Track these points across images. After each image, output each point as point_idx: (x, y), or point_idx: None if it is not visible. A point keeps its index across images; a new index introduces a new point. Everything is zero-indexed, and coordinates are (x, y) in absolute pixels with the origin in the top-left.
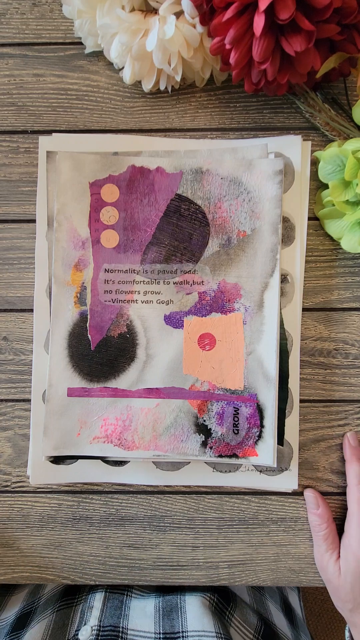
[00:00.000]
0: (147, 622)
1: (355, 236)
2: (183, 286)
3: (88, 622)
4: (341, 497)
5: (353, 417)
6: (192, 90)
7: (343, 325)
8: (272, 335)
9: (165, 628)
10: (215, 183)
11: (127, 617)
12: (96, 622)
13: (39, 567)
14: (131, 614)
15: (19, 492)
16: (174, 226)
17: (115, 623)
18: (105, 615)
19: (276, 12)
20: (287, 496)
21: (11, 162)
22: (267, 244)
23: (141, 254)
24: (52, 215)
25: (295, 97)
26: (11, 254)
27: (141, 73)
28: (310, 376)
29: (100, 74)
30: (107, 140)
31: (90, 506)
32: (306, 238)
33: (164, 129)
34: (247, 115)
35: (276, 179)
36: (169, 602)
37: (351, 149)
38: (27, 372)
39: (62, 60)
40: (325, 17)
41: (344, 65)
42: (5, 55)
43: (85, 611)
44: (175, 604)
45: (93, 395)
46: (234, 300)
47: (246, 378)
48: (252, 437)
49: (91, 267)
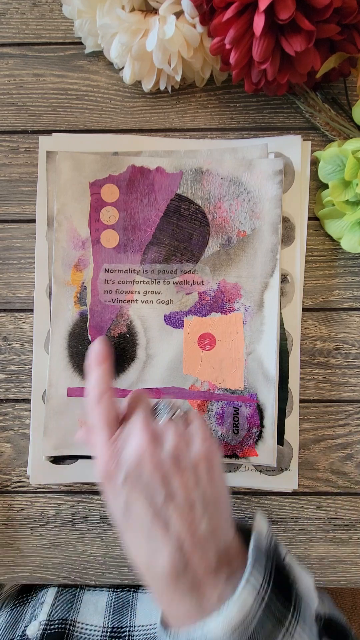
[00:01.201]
0: (96, 617)
1: (355, 236)
2: (183, 286)
3: (37, 618)
4: (341, 497)
5: (353, 417)
6: (192, 90)
7: (343, 325)
8: (272, 335)
9: (114, 623)
10: (215, 183)
11: (77, 611)
12: (45, 617)
13: (39, 567)
14: (82, 608)
15: (19, 492)
16: (174, 226)
17: (64, 617)
18: (55, 610)
19: (276, 12)
20: (287, 496)
21: (11, 162)
22: (267, 244)
23: (141, 254)
24: (52, 215)
25: (295, 97)
26: (11, 254)
27: (141, 73)
28: (310, 376)
29: (100, 74)
30: (107, 140)
31: (90, 506)
32: (306, 238)
33: (164, 129)
34: (247, 115)
35: (276, 178)
36: (121, 597)
37: (351, 149)
38: (27, 372)
39: (62, 60)
40: (325, 17)
41: (344, 65)
42: (5, 55)
43: (37, 607)
44: (127, 600)
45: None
46: (234, 300)
47: (246, 378)
48: (252, 437)
49: (91, 267)
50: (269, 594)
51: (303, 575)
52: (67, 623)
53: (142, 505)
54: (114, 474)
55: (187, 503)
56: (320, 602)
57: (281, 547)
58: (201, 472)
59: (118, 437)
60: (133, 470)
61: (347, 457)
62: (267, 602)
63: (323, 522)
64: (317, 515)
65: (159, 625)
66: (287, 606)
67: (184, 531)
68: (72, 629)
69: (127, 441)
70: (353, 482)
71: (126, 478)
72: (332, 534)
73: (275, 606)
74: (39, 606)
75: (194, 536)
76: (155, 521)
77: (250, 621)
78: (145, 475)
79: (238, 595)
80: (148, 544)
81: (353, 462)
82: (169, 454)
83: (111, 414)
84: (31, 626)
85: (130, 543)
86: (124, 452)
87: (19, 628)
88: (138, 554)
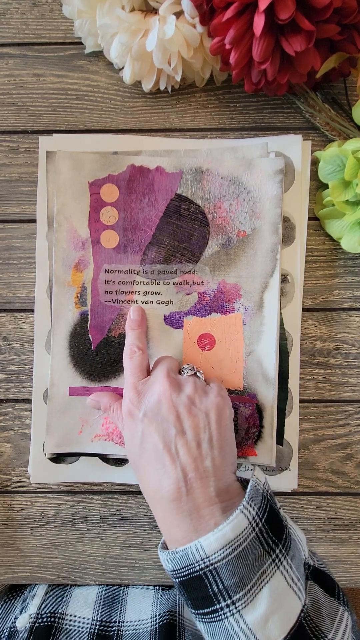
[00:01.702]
0: (86, 609)
1: (355, 236)
2: (183, 286)
3: (27, 610)
4: (341, 497)
5: (353, 417)
6: (192, 90)
7: (343, 325)
8: (272, 336)
9: (103, 616)
10: (215, 183)
11: (67, 604)
12: (35, 609)
13: (39, 567)
14: (72, 601)
15: (19, 492)
16: (174, 226)
17: (54, 610)
18: (45, 603)
19: (276, 12)
20: (287, 496)
21: (11, 162)
22: (267, 244)
23: (141, 254)
24: (52, 216)
25: (295, 97)
26: (11, 254)
27: (141, 73)
28: (310, 376)
29: (100, 74)
30: (107, 140)
31: (90, 506)
32: (306, 238)
33: (164, 129)
34: (247, 115)
35: (276, 178)
36: (111, 592)
37: (351, 149)
38: (27, 372)
39: (62, 60)
40: (325, 17)
41: (344, 65)
42: (5, 55)
43: (27, 599)
44: (117, 595)
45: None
46: (234, 301)
47: (245, 378)
48: (251, 436)
49: (91, 268)
50: (261, 526)
51: (296, 528)
52: (56, 616)
53: (157, 436)
54: (136, 410)
55: (195, 441)
56: (310, 556)
57: (277, 501)
58: (211, 418)
59: (144, 382)
60: (152, 408)
61: (347, 457)
62: (259, 531)
63: (323, 522)
64: (317, 515)
65: (159, 550)
66: (277, 541)
67: (190, 463)
68: (61, 622)
69: (151, 386)
70: (353, 482)
71: (145, 413)
72: (332, 534)
73: (266, 537)
74: (29, 599)
75: (197, 469)
76: (166, 450)
77: (242, 541)
78: (162, 413)
79: (233, 518)
80: (158, 470)
81: (353, 462)
82: (185, 399)
83: (141, 367)
84: (20, 618)
85: (143, 470)
86: (147, 393)
87: (9, 620)
88: (148, 478)
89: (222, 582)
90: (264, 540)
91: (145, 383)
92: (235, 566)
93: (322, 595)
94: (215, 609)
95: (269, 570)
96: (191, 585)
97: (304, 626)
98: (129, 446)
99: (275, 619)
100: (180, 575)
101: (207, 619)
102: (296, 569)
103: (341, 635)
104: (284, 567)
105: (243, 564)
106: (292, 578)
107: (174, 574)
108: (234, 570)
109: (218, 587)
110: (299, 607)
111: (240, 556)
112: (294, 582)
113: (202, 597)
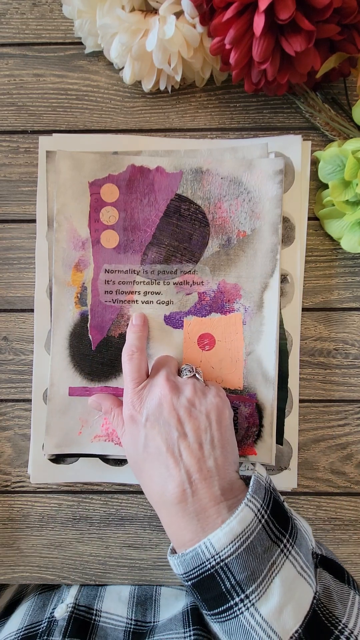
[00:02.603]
0: (120, 607)
1: (355, 236)
2: (183, 286)
3: (65, 601)
4: (341, 497)
5: (353, 417)
6: (192, 90)
7: (343, 325)
8: (272, 336)
9: (138, 615)
10: (215, 183)
11: (102, 599)
12: (72, 600)
13: (39, 567)
14: (106, 596)
15: (19, 492)
16: (174, 226)
17: (90, 604)
18: (81, 595)
19: (276, 12)
20: (287, 495)
21: (11, 162)
22: (267, 244)
23: (141, 254)
24: (52, 216)
25: (295, 97)
26: (11, 254)
27: (141, 73)
28: (310, 376)
29: (100, 74)
30: (107, 140)
31: (90, 506)
32: (306, 238)
33: (164, 129)
34: (247, 115)
35: (276, 178)
36: (144, 590)
37: (351, 149)
38: (27, 372)
39: (62, 60)
40: (325, 17)
41: (344, 65)
42: (5, 55)
43: (64, 590)
44: (150, 595)
45: (94, 394)
46: (234, 301)
47: (245, 378)
48: (251, 436)
49: (91, 268)
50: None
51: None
52: (92, 612)
53: (160, 440)
54: (138, 414)
55: (197, 442)
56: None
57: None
58: (211, 419)
59: (144, 387)
60: (154, 412)
61: (347, 457)
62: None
63: (323, 522)
64: (317, 515)
65: (169, 555)
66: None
67: (193, 464)
68: (98, 619)
69: (151, 389)
70: (353, 482)
71: (147, 418)
72: (332, 534)
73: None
74: (65, 590)
75: (201, 470)
76: (169, 453)
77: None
78: (163, 417)
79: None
80: (162, 474)
81: (353, 462)
82: (186, 401)
83: (139, 369)
84: (59, 608)
85: (146, 475)
86: (148, 398)
87: (47, 611)
88: (153, 483)
89: (234, 577)
90: (270, 531)
91: (145, 387)
92: (246, 560)
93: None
94: (230, 605)
95: (279, 561)
96: (204, 585)
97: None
98: (130, 451)
99: (289, 609)
100: (192, 576)
101: (222, 618)
102: (305, 558)
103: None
104: (292, 556)
105: (253, 557)
106: (301, 566)
107: (186, 576)
108: (244, 564)
109: (230, 582)
110: (311, 595)
111: (249, 549)
112: (304, 570)
113: (215, 595)
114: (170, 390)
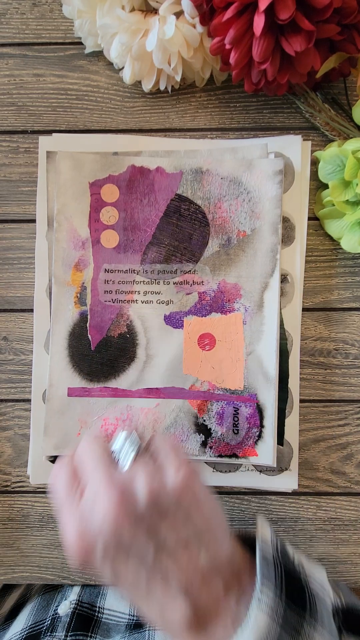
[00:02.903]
0: (123, 604)
1: (355, 236)
2: (183, 286)
3: (68, 598)
4: (341, 497)
5: (353, 417)
6: (192, 90)
7: (343, 325)
8: (272, 336)
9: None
10: (215, 183)
11: (104, 597)
12: (76, 597)
13: (39, 567)
14: (109, 594)
15: (19, 492)
16: (174, 226)
17: (93, 602)
18: (85, 592)
19: (276, 12)
20: (287, 496)
21: (11, 162)
22: (267, 244)
23: (141, 254)
24: (52, 215)
25: (295, 97)
26: (11, 254)
27: (141, 73)
28: (310, 376)
29: (100, 74)
30: (107, 140)
31: None
32: (306, 238)
33: (164, 129)
34: (247, 115)
35: (276, 178)
36: None
37: (351, 149)
38: (27, 372)
39: (62, 60)
40: (325, 17)
41: (344, 65)
42: (5, 55)
43: (67, 589)
44: None
45: (93, 395)
46: (234, 300)
47: (246, 378)
48: (252, 437)
49: (91, 267)
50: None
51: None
52: (95, 610)
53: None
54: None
55: (179, 544)
56: (335, 595)
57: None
58: (186, 503)
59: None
60: (111, 540)
61: (347, 457)
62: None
63: (323, 522)
64: (317, 515)
65: None
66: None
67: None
68: (100, 616)
69: (94, 508)
70: (353, 482)
71: (106, 550)
72: (332, 534)
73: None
74: (68, 588)
75: (195, 573)
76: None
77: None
78: (126, 539)
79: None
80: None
81: (353, 462)
82: (146, 503)
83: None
84: (62, 605)
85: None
86: (94, 521)
87: (50, 609)
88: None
89: None
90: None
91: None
92: None
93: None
94: None
95: None
96: None
97: None
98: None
99: None
100: None
101: None
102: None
103: None
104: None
105: None
106: None
107: None
108: None
109: None
110: None
111: None
112: None
113: None
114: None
